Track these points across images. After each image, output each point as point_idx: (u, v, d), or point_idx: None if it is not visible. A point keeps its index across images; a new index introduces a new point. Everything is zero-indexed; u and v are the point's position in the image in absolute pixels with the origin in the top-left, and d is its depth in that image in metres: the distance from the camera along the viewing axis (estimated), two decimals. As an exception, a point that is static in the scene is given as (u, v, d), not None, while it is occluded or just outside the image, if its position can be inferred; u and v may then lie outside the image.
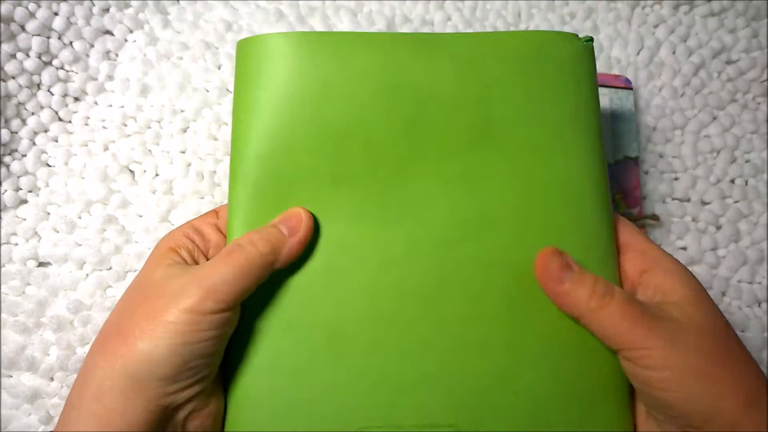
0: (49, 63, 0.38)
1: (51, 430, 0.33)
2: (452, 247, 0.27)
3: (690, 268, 0.38)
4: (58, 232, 0.37)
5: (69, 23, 0.39)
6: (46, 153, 0.38)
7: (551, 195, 0.27)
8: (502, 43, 0.28)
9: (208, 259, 0.28)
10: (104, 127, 0.39)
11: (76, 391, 0.24)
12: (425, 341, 0.26)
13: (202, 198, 0.38)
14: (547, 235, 0.27)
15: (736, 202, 0.40)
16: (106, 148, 0.38)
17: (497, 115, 0.27)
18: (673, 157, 0.41)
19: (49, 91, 0.39)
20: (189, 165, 0.38)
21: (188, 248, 0.27)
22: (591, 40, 0.29)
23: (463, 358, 0.26)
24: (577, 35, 0.29)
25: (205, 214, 0.30)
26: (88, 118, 0.39)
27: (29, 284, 0.36)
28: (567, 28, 0.44)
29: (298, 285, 0.27)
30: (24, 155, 0.38)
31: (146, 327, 0.23)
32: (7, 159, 0.37)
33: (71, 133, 0.39)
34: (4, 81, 0.37)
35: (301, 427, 0.26)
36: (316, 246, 0.27)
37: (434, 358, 0.26)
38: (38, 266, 0.36)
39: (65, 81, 0.39)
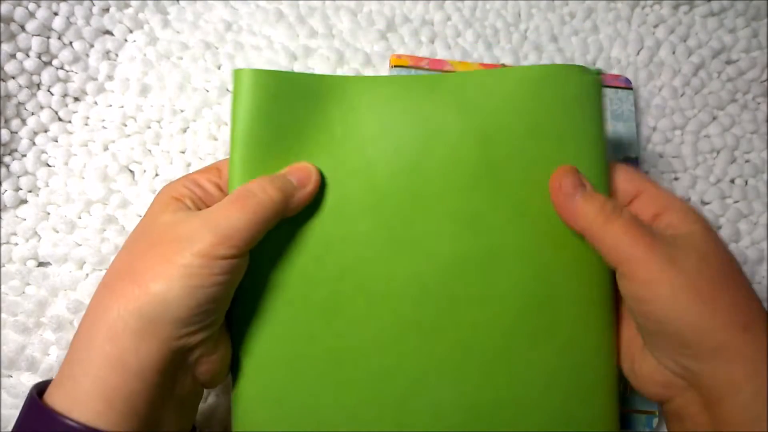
0: (49, 63, 0.38)
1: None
2: (453, 282, 0.27)
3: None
4: (58, 232, 0.37)
5: (69, 23, 0.39)
6: (46, 153, 0.38)
7: (553, 233, 0.27)
8: (506, 79, 0.28)
9: None
10: (104, 127, 0.39)
11: (84, 333, 0.24)
12: (424, 371, 0.27)
13: (202, 198, 0.38)
14: (549, 273, 0.27)
15: (736, 202, 0.40)
16: (106, 148, 0.38)
17: (499, 154, 0.27)
18: (673, 157, 0.41)
19: (48, 91, 0.39)
20: (189, 165, 0.38)
21: (192, 198, 0.27)
22: (600, 72, 0.28)
23: (461, 389, 0.27)
24: (585, 68, 0.28)
25: (206, 168, 0.29)
26: (88, 118, 0.39)
27: (29, 284, 0.36)
28: (567, 28, 0.44)
29: (300, 314, 0.27)
30: (24, 155, 0.38)
31: (160, 269, 0.23)
32: (7, 159, 0.37)
33: (71, 133, 0.39)
34: (3, 81, 0.37)
35: None
36: (320, 277, 0.27)
37: (435, 389, 0.27)
38: (38, 266, 0.36)
39: (65, 81, 0.39)
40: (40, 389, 0.25)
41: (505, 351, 0.27)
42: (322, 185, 0.27)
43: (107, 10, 0.40)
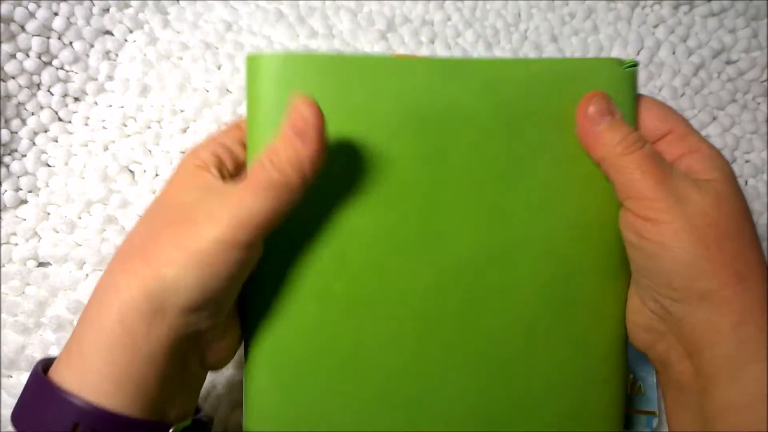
0: (49, 63, 0.38)
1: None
2: (473, 276, 0.27)
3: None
4: (58, 232, 0.37)
5: (69, 23, 0.39)
6: (46, 153, 0.38)
7: (576, 229, 0.27)
8: (537, 70, 0.27)
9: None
10: (104, 128, 0.39)
11: (94, 311, 0.24)
12: (443, 366, 0.27)
13: (202, 198, 0.38)
14: (568, 270, 0.27)
15: (736, 202, 0.40)
16: (106, 149, 0.38)
17: (526, 146, 0.27)
18: (673, 157, 0.41)
19: (49, 91, 0.39)
20: (189, 165, 0.38)
21: (217, 166, 0.26)
22: (635, 65, 0.27)
23: (480, 383, 0.27)
24: (619, 60, 0.27)
25: (228, 127, 0.28)
26: (88, 118, 0.39)
27: (29, 284, 0.36)
28: (567, 28, 0.44)
29: (318, 307, 0.27)
30: (24, 155, 0.38)
31: (173, 253, 0.23)
32: (7, 159, 0.37)
33: (71, 133, 0.39)
34: (4, 81, 0.37)
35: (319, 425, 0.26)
36: (339, 270, 0.26)
37: (452, 386, 0.27)
38: (38, 266, 0.36)
39: (65, 81, 0.39)
40: (45, 365, 0.24)
41: (522, 347, 0.27)
42: (342, 174, 0.26)
43: (107, 10, 0.40)
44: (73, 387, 0.23)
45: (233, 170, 0.27)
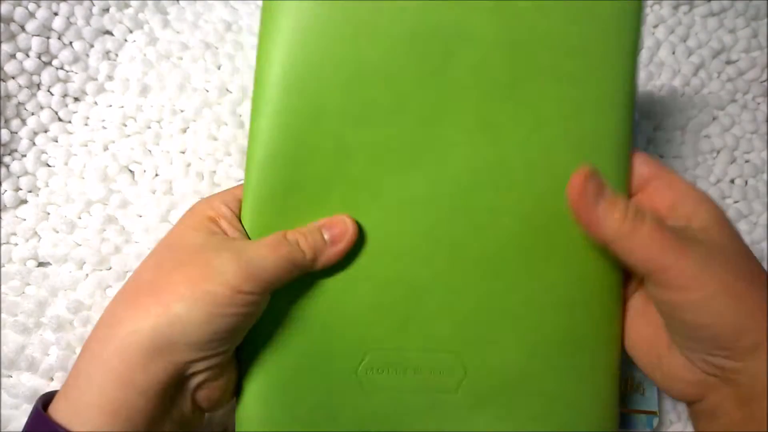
0: (49, 63, 0.38)
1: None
2: (470, 192, 0.27)
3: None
4: (57, 232, 0.37)
5: (69, 23, 0.39)
6: (46, 153, 0.38)
7: (573, 150, 0.27)
8: (541, 7, 0.27)
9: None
10: (104, 127, 0.39)
11: (94, 343, 0.24)
12: (436, 277, 0.28)
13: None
14: (560, 189, 0.27)
15: (736, 202, 0.40)
16: (106, 148, 0.38)
17: (529, 67, 0.27)
18: (673, 157, 0.41)
19: (48, 91, 0.39)
20: (189, 165, 0.38)
21: (228, 218, 0.27)
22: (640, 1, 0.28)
23: (471, 295, 0.28)
24: None
25: (241, 184, 0.29)
26: (88, 118, 0.39)
27: (29, 284, 0.36)
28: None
29: (315, 215, 0.27)
30: (24, 155, 0.38)
31: (184, 291, 0.23)
32: (6, 159, 0.37)
33: (71, 133, 0.39)
34: (3, 81, 0.37)
35: (310, 345, 0.27)
36: (334, 183, 0.27)
37: (443, 293, 0.28)
38: (38, 266, 0.36)
39: (65, 81, 0.39)
40: (46, 400, 0.25)
41: (515, 261, 0.28)
42: (344, 90, 0.27)
43: (107, 10, 0.40)
44: (67, 420, 0.23)
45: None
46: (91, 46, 0.40)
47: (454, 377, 0.28)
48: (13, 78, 0.37)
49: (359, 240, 0.27)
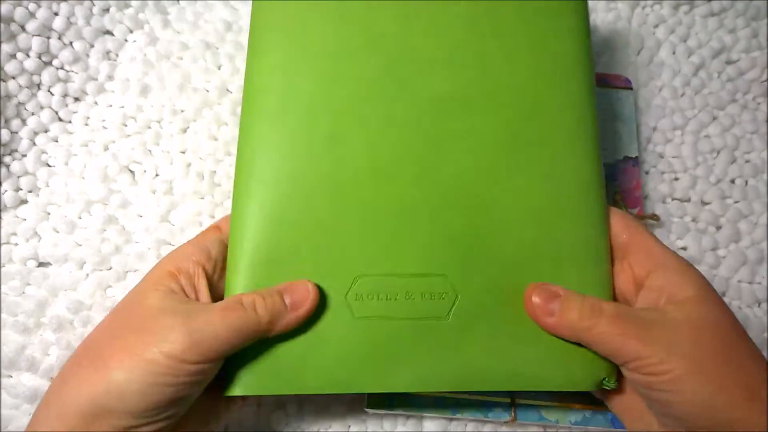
0: (49, 63, 0.38)
1: None
2: (449, 115, 0.29)
3: (690, 268, 0.38)
4: (58, 232, 0.37)
5: (69, 23, 0.39)
6: (47, 153, 0.38)
7: (540, 76, 0.30)
8: None
9: (211, 285, 0.28)
10: (104, 128, 0.39)
11: (45, 403, 0.24)
12: (420, 200, 0.29)
13: (202, 198, 0.38)
14: (533, 108, 0.29)
15: (736, 202, 0.40)
16: (106, 148, 0.38)
17: (496, 16, 0.31)
18: (673, 157, 0.41)
19: (49, 91, 0.39)
20: (189, 165, 0.38)
21: (189, 274, 0.27)
22: None
23: (454, 217, 0.28)
24: None
25: (208, 229, 0.30)
26: (89, 118, 0.39)
27: (29, 284, 0.36)
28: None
29: (303, 142, 0.29)
30: (24, 155, 0.38)
31: (124, 359, 0.23)
32: (7, 159, 0.37)
33: (71, 133, 0.39)
34: (4, 81, 0.37)
35: (299, 270, 0.28)
36: (322, 112, 0.29)
37: (427, 216, 0.28)
38: (38, 266, 0.36)
39: (65, 81, 0.39)
40: None
41: (493, 183, 0.29)
42: (326, 29, 0.30)
43: (107, 10, 0.40)
44: None
45: (211, 271, 0.28)
46: (92, 46, 0.40)
47: (446, 300, 0.28)
48: (14, 78, 0.37)
49: (345, 162, 0.28)
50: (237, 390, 0.27)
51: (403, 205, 0.28)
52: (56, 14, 0.38)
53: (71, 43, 0.39)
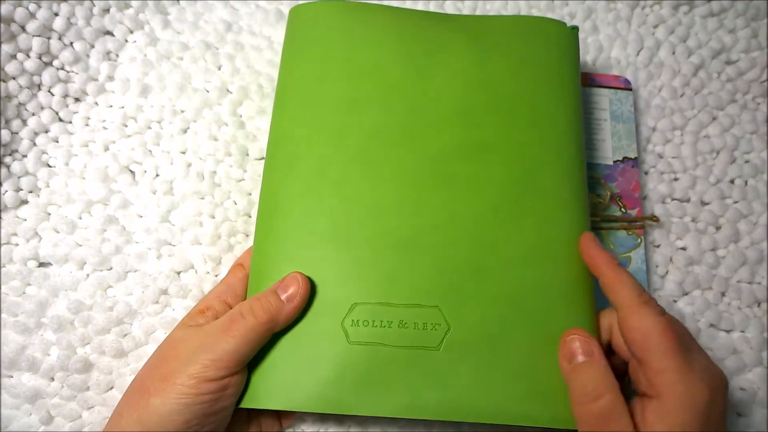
0: (50, 63, 0.39)
1: (51, 430, 0.33)
2: (453, 163, 0.32)
3: (690, 268, 0.38)
4: (58, 232, 0.37)
5: (69, 24, 0.39)
6: (47, 153, 0.38)
7: (536, 131, 0.33)
8: (502, 20, 0.36)
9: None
10: (105, 128, 0.39)
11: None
12: (421, 236, 0.30)
13: (203, 198, 0.38)
14: (532, 163, 0.32)
15: (736, 202, 0.40)
16: (106, 149, 0.39)
17: (494, 67, 0.34)
18: (673, 157, 0.41)
19: (49, 91, 0.39)
20: (189, 165, 0.38)
21: (216, 310, 0.31)
22: (576, 28, 0.36)
23: (453, 254, 0.30)
24: (563, 23, 0.36)
25: (233, 268, 0.33)
26: (89, 118, 0.39)
27: (30, 284, 0.36)
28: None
29: (305, 180, 0.31)
30: (24, 156, 0.38)
31: (160, 385, 0.27)
32: (7, 159, 0.37)
33: (72, 133, 0.39)
34: (4, 81, 0.37)
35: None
36: (336, 158, 0.32)
37: (428, 251, 0.30)
38: (39, 266, 0.36)
39: (66, 81, 0.39)
40: None
41: (492, 221, 0.31)
42: (343, 82, 0.33)
43: (108, 10, 0.41)
44: None
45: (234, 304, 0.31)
46: (92, 46, 0.40)
47: (438, 331, 0.29)
48: (14, 78, 0.37)
49: (353, 198, 0.31)
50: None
51: (403, 240, 0.30)
52: (56, 15, 0.38)
53: (71, 43, 0.39)
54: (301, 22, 0.35)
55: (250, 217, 0.38)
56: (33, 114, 0.38)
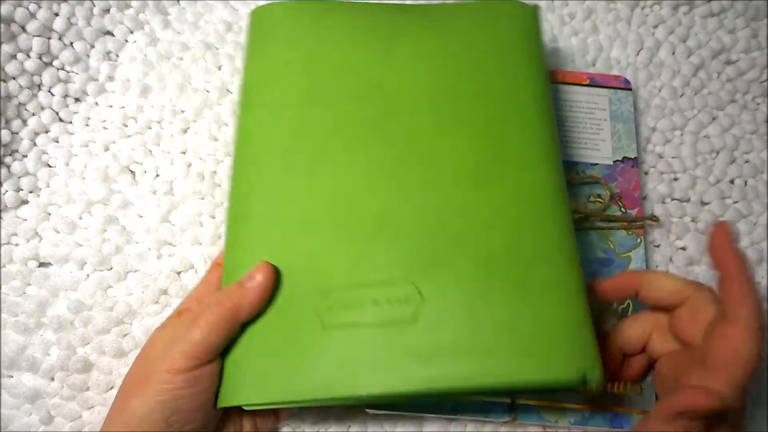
0: (50, 64, 0.39)
1: (51, 430, 0.33)
2: (427, 141, 0.32)
3: (690, 269, 0.38)
4: (58, 232, 0.37)
5: (69, 24, 0.39)
6: (47, 153, 0.38)
7: (502, 109, 0.33)
8: (459, 9, 0.37)
9: None
10: (105, 128, 0.39)
11: None
12: (387, 212, 0.30)
13: (203, 198, 0.38)
14: (500, 138, 0.32)
15: (736, 202, 0.40)
16: (106, 149, 0.39)
17: (457, 56, 0.34)
18: (673, 157, 0.41)
19: (49, 91, 0.39)
20: (189, 165, 0.38)
21: (193, 311, 0.30)
22: (536, 6, 0.37)
23: (420, 224, 0.30)
24: (522, 3, 0.37)
25: (212, 268, 0.33)
26: (89, 118, 0.39)
27: (30, 284, 0.36)
28: (567, 29, 0.44)
29: (270, 177, 0.31)
30: (25, 156, 0.38)
31: (138, 387, 0.28)
32: (8, 159, 0.37)
33: (72, 133, 0.39)
34: (4, 82, 0.37)
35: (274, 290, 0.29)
36: (299, 151, 0.32)
37: (394, 226, 0.30)
38: (39, 266, 0.36)
39: (66, 82, 0.39)
40: None
41: (462, 188, 0.31)
42: (304, 76, 0.33)
43: (108, 10, 0.41)
44: None
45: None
46: (92, 46, 0.40)
47: (412, 304, 0.28)
48: (14, 78, 0.37)
49: (320, 187, 0.31)
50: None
51: (372, 220, 0.30)
52: (57, 15, 0.39)
53: (72, 43, 0.39)
54: (261, 22, 0.36)
55: (250, 217, 0.38)
56: (33, 114, 0.38)
